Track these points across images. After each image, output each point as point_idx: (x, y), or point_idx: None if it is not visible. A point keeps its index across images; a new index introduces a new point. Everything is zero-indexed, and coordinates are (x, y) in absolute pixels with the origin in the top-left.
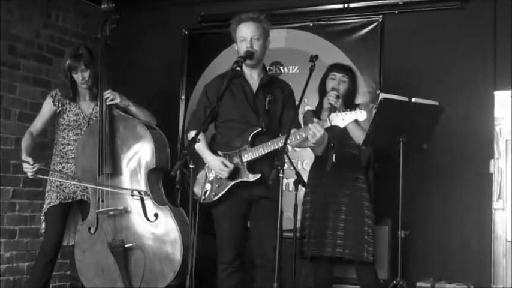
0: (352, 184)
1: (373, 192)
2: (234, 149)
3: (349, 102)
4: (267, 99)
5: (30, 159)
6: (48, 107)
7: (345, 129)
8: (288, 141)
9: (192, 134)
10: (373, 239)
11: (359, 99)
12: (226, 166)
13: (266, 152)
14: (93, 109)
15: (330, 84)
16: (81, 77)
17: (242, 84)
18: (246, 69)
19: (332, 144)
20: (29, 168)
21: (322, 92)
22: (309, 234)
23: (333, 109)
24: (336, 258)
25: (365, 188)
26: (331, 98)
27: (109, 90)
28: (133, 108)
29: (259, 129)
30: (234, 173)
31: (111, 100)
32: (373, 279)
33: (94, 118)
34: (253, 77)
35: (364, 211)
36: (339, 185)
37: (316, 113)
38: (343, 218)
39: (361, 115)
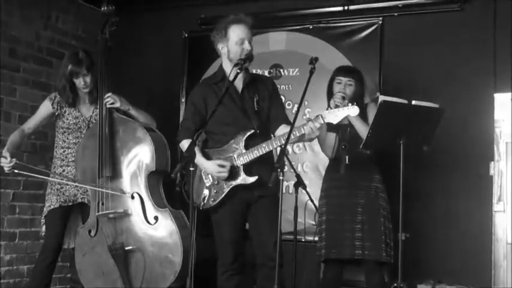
0: (367, 184)
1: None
2: (228, 153)
3: (358, 104)
4: (255, 99)
5: (8, 154)
6: (45, 109)
7: (355, 130)
8: (283, 141)
9: (184, 143)
10: (391, 239)
11: (367, 100)
12: (224, 166)
13: (261, 153)
14: (93, 112)
15: (336, 88)
16: (83, 81)
17: (227, 87)
18: (228, 71)
19: (343, 146)
20: (5, 163)
21: (330, 95)
22: (326, 237)
23: None
24: (348, 260)
25: (381, 187)
26: (337, 99)
27: (110, 94)
28: (133, 112)
29: (253, 131)
30: (231, 177)
31: (112, 104)
32: (381, 282)
33: (94, 121)
34: (236, 78)
35: (381, 211)
36: (354, 186)
37: None
38: (360, 219)
39: (353, 110)
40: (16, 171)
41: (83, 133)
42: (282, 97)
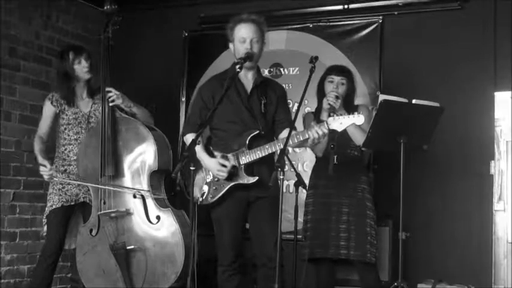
0: (354, 185)
1: (373, 193)
2: (231, 151)
3: (348, 103)
4: (263, 102)
5: (47, 163)
6: (48, 109)
7: (345, 130)
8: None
9: (188, 137)
10: (376, 240)
11: (358, 100)
12: (224, 166)
13: (264, 154)
14: (91, 107)
15: (328, 87)
16: (86, 63)
17: (236, 85)
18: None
19: (332, 146)
20: (45, 171)
21: (321, 94)
22: (311, 236)
23: (332, 110)
24: (339, 260)
25: (367, 188)
26: (330, 98)
27: (111, 89)
28: (135, 110)
29: (257, 131)
30: (232, 175)
31: (113, 101)
32: (375, 281)
33: (93, 116)
34: (247, 78)
35: (367, 212)
36: (341, 186)
37: (316, 115)
38: (346, 219)
39: (359, 119)
40: (56, 179)
41: (83, 128)
42: None
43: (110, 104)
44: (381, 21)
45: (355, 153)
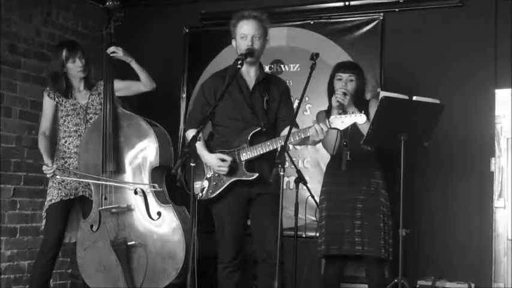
0: (368, 181)
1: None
2: (232, 148)
3: (359, 99)
4: (265, 99)
5: (49, 162)
6: (48, 104)
7: (356, 126)
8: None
9: (189, 133)
10: (390, 235)
11: (369, 95)
12: (224, 160)
13: (265, 151)
14: (88, 98)
15: (337, 85)
16: (80, 63)
17: (238, 82)
18: (243, 67)
19: (345, 143)
20: (47, 170)
21: (331, 92)
22: (325, 233)
23: (341, 106)
24: (349, 256)
25: (382, 183)
26: (338, 95)
27: (113, 46)
28: (135, 66)
29: (259, 128)
30: (232, 171)
31: (114, 53)
32: (380, 278)
33: (91, 107)
34: (249, 75)
35: (380, 207)
36: (355, 182)
37: (328, 113)
38: (360, 215)
39: (360, 118)
40: (58, 177)
41: (82, 119)
42: None
43: (111, 54)
44: (381, 18)
45: (369, 148)
